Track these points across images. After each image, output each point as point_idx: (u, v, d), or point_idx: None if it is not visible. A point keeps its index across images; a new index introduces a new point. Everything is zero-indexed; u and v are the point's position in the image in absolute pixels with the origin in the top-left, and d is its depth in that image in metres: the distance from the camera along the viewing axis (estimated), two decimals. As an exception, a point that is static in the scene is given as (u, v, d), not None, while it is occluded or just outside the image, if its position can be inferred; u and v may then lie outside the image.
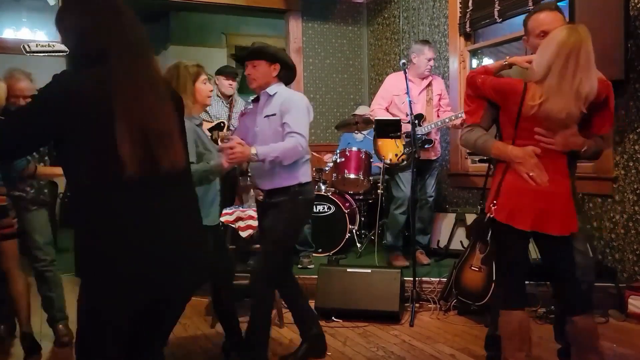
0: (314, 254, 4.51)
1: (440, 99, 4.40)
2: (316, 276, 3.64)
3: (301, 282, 3.09)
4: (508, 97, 2.18)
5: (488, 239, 3.09)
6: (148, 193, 1.53)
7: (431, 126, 4.18)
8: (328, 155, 4.90)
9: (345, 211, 4.64)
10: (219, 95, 4.63)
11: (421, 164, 4.10)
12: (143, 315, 1.63)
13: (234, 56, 2.80)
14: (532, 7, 3.81)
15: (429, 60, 4.26)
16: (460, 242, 4.31)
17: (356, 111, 5.46)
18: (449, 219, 4.64)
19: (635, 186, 3.57)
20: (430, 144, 4.22)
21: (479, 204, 2.33)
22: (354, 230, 4.78)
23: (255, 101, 2.85)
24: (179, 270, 1.58)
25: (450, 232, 4.55)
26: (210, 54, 7.22)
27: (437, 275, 3.94)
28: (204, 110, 3.16)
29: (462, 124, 3.64)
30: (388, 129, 3.77)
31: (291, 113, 2.66)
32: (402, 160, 4.15)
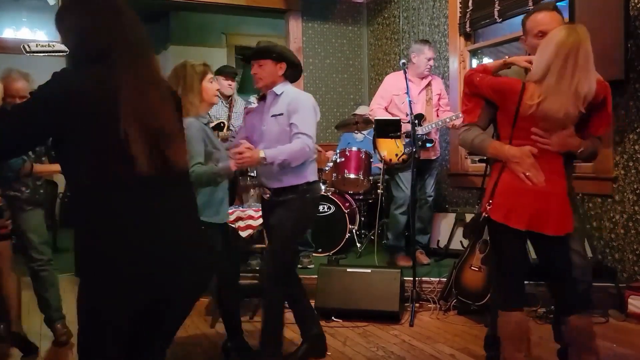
0: (314, 254, 4.52)
1: (439, 99, 4.40)
2: (316, 276, 3.64)
3: (301, 282, 3.10)
4: (506, 97, 2.18)
5: (485, 238, 3.10)
6: (148, 193, 1.53)
7: (431, 126, 4.18)
8: (330, 152, 4.92)
9: (345, 211, 4.65)
10: (218, 95, 4.63)
11: (421, 164, 4.10)
12: (143, 315, 1.63)
13: (240, 55, 2.81)
14: (532, 7, 3.81)
15: (429, 60, 4.26)
16: (460, 242, 4.30)
17: (356, 111, 5.47)
18: (449, 218, 4.64)
19: (635, 186, 3.57)
20: (431, 143, 4.22)
21: (477, 204, 2.33)
22: (354, 230, 4.78)
23: (262, 99, 2.85)
24: (179, 270, 1.58)
25: (450, 232, 4.55)
26: (210, 54, 7.20)
27: (437, 275, 3.94)
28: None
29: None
30: (388, 128, 3.77)
31: (298, 113, 2.66)
32: (403, 160, 4.15)
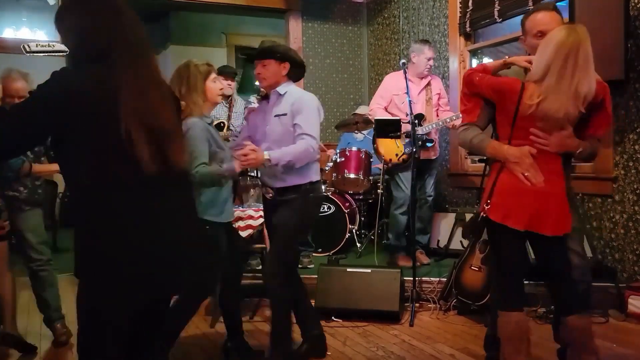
0: (313, 254, 4.51)
1: (439, 99, 4.40)
2: (316, 276, 3.64)
3: (301, 282, 3.09)
4: (505, 96, 2.18)
5: (484, 238, 3.09)
6: (148, 193, 1.53)
7: (431, 126, 4.18)
8: (331, 151, 4.92)
9: (345, 211, 4.65)
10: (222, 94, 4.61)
11: (421, 164, 4.10)
12: (143, 315, 1.63)
13: (244, 54, 2.81)
14: (532, 7, 3.81)
15: (429, 59, 4.26)
16: (460, 242, 4.30)
17: (357, 111, 5.46)
18: (449, 218, 4.64)
19: (635, 186, 3.57)
20: (431, 143, 4.22)
21: (477, 204, 2.33)
22: (354, 230, 4.78)
23: (264, 99, 2.85)
24: (179, 270, 1.58)
25: (450, 232, 4.55)
26: (210, 54, 7.20)
27: (437, 275, 3.94)
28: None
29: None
30: (388, 128, 3.77)
31: (302, 114, 2.66)
32: (403, 160, 4.15)
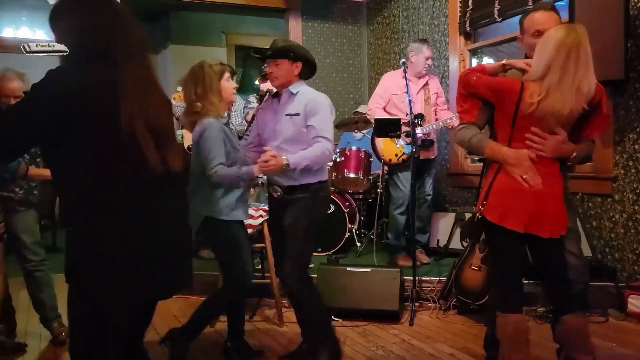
0: (313, 253, 4.51)
1: (437, 98, 4.40)
2: (316, 275, 3.64)
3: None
4: (504, 96, 2.17)
5: (484, 238, 3.09)
6: (148, 193, 1.54)
7: (431, 127, 4.18)
8: None
9: (345, 210, 4.64)
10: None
11: (420, 163, 4.10)
12: (141, 315, 1.63)
13: (258, 53, 2.79)
14: (532, 7, 3.81)
15: (427, 59, 4.26)
16: (460, 242, 4.30)
17: (357, 109, 5.46)
18: (449, 218, 4.64)
19: (634, 185, 3.57)
20: (431, 144, 4.23)
21: (476, 204, 2.33)
22: (354, 230, 4.78)
23: (275, 97, 2.85)
24: (178, 270, 1.58)
25: (449, 232, 4.55)
26: (210, 53, 7.20)
27: (437, 274, 3.94)
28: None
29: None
30: (388, 128, 3.76)
31: (317, 116, 2.66)
32: (403, 160, 4.15)
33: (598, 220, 3.81)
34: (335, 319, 3.49)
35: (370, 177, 4.74)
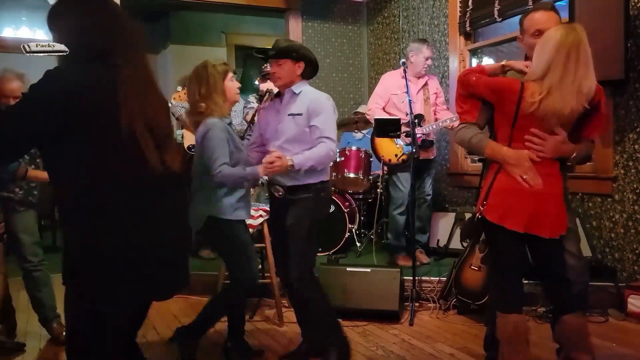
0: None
1: (436, 98, 4.40)
2: (316, 275, 3.64)
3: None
4: (504, 96, 2.17)
5: (484, 238, 3.09)
6: (148, 193, 1.54)
7: (431, 127, 4.18)
8: None
9: (345, 210, 4.64)
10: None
11: (420, 164, 4.10)
12: (140, 314, 1.63)
13: (260, 53, 2.79)
14: (532, 7, 3.81)
15: (427, 59, 4.26)
16: (460, 242, 4.30)
17: (358, 109, 5.46)
18: (449, 218, 4.64)
19: (634, 185, 3.57)
20: (431, 144, 4.23)
21: (475, 204, 2.32)
22: (354, 230, 4.78)
23: (277, 97, 2.85)
24: (179, 270, 1.58)
25: (449, 232, 4.55)
26: (210, 53, 7.20)
27: (437, 274, 3.94)
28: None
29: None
30: (388, 127, 3.76)
31: (320, 117, 2.67)
32: (403, 160, 4.16)
33: (598, 220, 3.81)
34: (335, 319, 3.50)
35: (370, 177, 4.74)
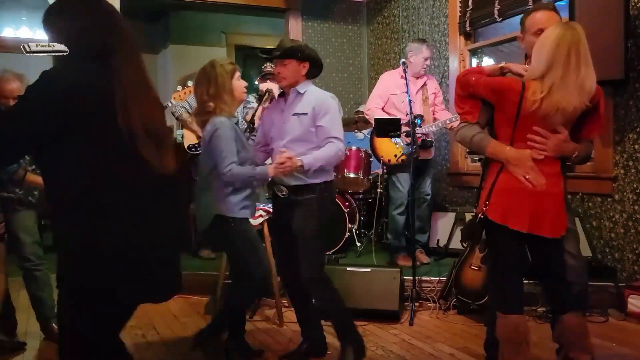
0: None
1: (435, 98, 4.40)
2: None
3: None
4: (505, 96, 2.16)
5: (484, 238, 3.08)
6: (148, 193, 1.54)
7: (431, 127, 4.18)
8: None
9: (345, 210, 4.64)
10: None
11: (419, 164, 4.10)
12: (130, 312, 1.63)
13: (265, 54, 2.80)
14: (532, 6, 3.81)
15: (426, 59, 4.26)
16: (460, 242, 4.30)
17: (358, 109, 5.46)
18: (449, 218, 4.64)
19: (634, 185, 3.57)
20: (431, 144, 4.22)
21: (476, 205, 2.32)
22: (354, 230, 4.78)
23: (281, 96, 2.85)
24: (178, 270, 1.58)
25: (449, 231, 4.55)
26: (210, 53, 7.20)
27: (437, 274, 3.94)
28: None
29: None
30: (388, 127, 3.76)
31: (327, 116, 2.68)
32: (402, 160, 4.16)
33: (598, 220, 3.81)
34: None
35: (370, 177, 4.74)
